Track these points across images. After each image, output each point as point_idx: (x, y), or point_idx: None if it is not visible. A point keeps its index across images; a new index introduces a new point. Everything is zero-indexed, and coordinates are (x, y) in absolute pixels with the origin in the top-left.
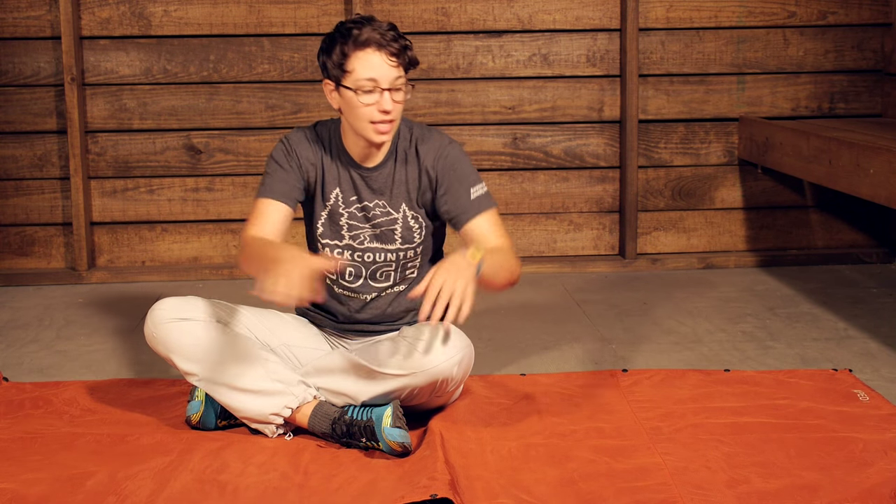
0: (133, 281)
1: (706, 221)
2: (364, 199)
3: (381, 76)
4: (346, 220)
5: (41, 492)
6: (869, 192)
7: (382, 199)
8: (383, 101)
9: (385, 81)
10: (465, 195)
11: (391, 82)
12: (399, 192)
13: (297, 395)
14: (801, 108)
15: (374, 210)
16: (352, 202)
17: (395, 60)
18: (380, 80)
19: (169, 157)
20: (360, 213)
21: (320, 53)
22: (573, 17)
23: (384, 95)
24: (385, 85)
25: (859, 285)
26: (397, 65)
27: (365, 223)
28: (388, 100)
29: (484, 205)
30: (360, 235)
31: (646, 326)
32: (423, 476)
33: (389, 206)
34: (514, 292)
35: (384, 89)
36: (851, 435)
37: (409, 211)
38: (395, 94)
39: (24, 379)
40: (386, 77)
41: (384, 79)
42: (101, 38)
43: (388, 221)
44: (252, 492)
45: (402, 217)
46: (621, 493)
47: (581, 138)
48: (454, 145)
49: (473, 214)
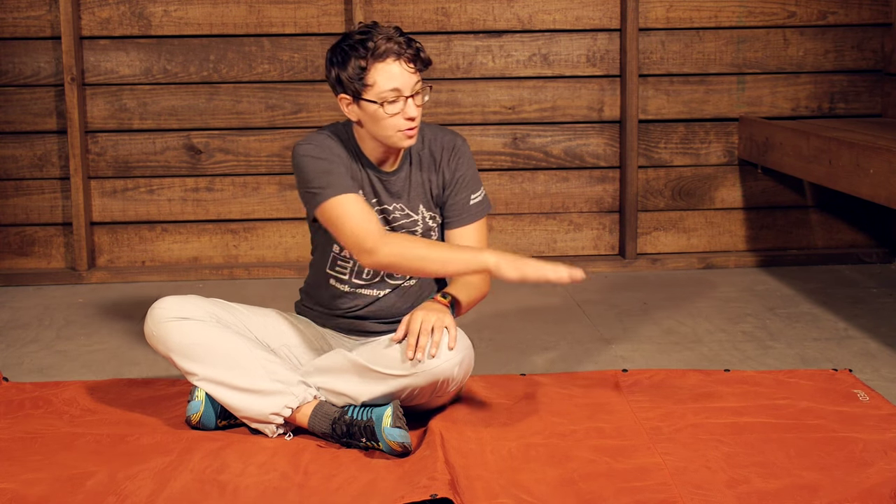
0: (133, 281)
1: (706, 221)
2: (384, 203)
3: (404, 85)
4: None
5: (41, 492)
6: (869, 192)
7: (400, 203)
8: (408, 108)
9: (408, 89)
10: (465, 200)
11: (413, 89)
12: (416, 194)
13: (297, 395)
14: (801, 108)
15: (393, 213)
16: (373, 204)
17: (414, 66)
18: (403, 89)
19: (169, 157)
20: (380, 216)
21: (332, 67)
22: (573, 17)
23: (408, 103)
24: (408, 93)
25: (859, 285)
26: (415, 70)
27: (385, 225)
28: (413, 106)
29: (478, 214)
30: None
31: (646, 326)
32: (423, 476)
33: (408, 208)
34: (514, 292)
35: (407, 97)
36: (851, 435)
37: (427, 212)
38: (417, 98)
39: (24, 379)
40: (408, 85)
41: (407, 87)
42: (101, 38)
43: (410, 224)
44: (252, 492)
45: (422, 218)
46: (621, 493)
47: (581, 138)
48: (465, 145)
49: (467, 222)
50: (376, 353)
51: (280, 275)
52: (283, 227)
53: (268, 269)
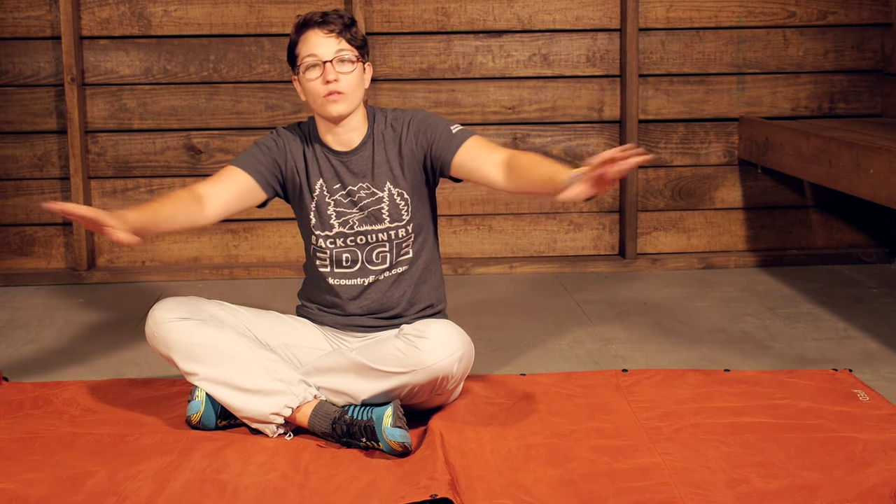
0: (133, 281)
1: (706, 221)
2: (348, 185)
3: (321, 51)
4: (334, 209)
5: (41, 492)
6: (869, 192)
7: (365, 182)
8: (326, 72)
9: (325, 54)
10: (446, 133)
11: (332, 54)
12: (381, 171)
13: (297, 395)
14: (801, 108)
15: (358, 193)
16: (336, 189)
17: (331, 33)
18: (320, 55)
19: (169, 157)
20: (345, 199)
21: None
22: (573, 17)
23: (326, 66)
24: (327, 58)
25: (859, 285)
26: (335, 36)
27: (352, 208)
28: (331, 69)
29: (466, 134)
30: (349, 220)
31: (646, 326)
32: (423, 476)
33: (373, 186)
34: (514, 292)
35: (326, 62)
36: (851, 435)
37: (395, 189)
38: (340, 65)
39: (24, 379)
40: (325, 50)
41: (324, 53)
42: (101, 38)
43: (374, 202)
44: (252, 492)
45: (388, 195)
46: (621, 493)
47: (581, 138)
48: (420, 110)
49: (460, 142)
50: (376, 350)
51: (280, 275)
52: (283, 227)
53: (268, 269)
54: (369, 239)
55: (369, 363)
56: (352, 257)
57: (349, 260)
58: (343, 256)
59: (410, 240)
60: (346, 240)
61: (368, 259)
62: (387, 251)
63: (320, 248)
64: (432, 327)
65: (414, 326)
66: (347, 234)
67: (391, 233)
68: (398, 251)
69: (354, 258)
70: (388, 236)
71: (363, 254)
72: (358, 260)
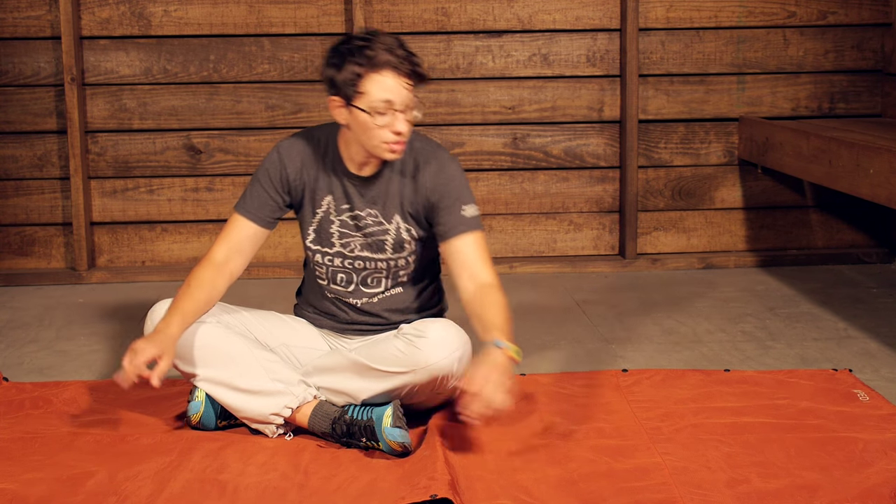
0: (133, 281)
1: (706, 221)
2: (356, 208)
3: (397, 99)
4: (338, 228)
5: (41, 492)
6: (869, 192)
7: (375, 209)
8: (397, 122)
9: (400, 104)
10: (456, 211)
11: (405, 104)
12: (393, 203)
13: (297, 395)
14: (801, 108)
15: (365, 219)
16: (343, 210)
17: (409, 82)
18: (395, 103)
19: (169, 157)
20: (351, 222)
21: (328, 68)
22: (573, 17)
23: (398, 117)
24: (400, 107)
25: (859, 285)
26: (411, 86)
27: (356, 231)
28: (402, 121)
29: (473, 224)
30: (350, 243)
31: (646, 326)
32: (423, 476)
33: (382, 216)
34: (514, 292)
35: (398, 111)
36: (851, 435)
37: (403, 223)
38: (408, 113)
39: (24, 379)
40: (401, 99)
41: (399, 101)
42: (101, 38)
43: (380, 231)
44: (252, 492)
45: (395, 228)
46: (621, 493)
47: (581, 138)
48: (454, 164)
49: (462, 231)
50: (375, 350)
51: (280, 275)
52: (283, 227)
53: (268, 269)
54: (367, 265)
55: (369, 363)
56: (347, 278)
57: (344, 280)
58: (338, 276)
59: (409, 269)
60: (344, 261)
61: (363, 282)
62: (382, 277)
63: (317, 263)
64: (432, 327)
65: (413, 326)
66: (346, 255)
67: (391, 262)
68: (395, 278)
69: (349, 279)
70: (387, 265)
71: (358, 277)
72: (353, 282)
